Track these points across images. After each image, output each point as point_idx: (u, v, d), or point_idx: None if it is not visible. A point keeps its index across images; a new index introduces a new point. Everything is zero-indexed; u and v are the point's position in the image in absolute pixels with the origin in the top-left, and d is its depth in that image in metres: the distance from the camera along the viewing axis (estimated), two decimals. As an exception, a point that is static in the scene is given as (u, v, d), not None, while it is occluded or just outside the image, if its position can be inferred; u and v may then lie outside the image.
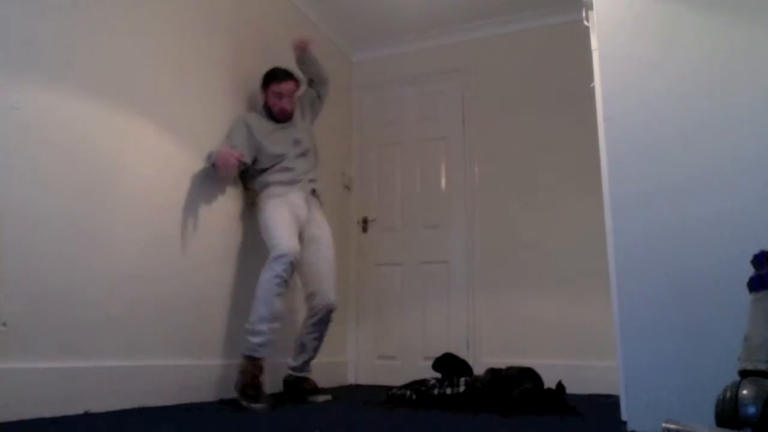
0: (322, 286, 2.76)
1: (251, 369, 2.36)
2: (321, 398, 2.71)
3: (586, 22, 2.42)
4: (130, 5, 2.32)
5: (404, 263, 3.89)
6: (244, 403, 2.27)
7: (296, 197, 2.80)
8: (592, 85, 2.21)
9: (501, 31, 3.91)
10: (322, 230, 2.87)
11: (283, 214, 2.68)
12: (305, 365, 2.77)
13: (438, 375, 2.59)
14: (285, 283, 2.49)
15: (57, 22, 2.01)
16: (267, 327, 2.41)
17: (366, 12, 3.82)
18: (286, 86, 2.90)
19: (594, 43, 2.18)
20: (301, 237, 2.75)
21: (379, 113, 4.18)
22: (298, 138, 2.92)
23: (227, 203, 2.78)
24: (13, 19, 1.86)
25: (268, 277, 2.46)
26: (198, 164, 2.60)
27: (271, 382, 2.76)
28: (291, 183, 2.81)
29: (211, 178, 2.66)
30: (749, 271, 1.38)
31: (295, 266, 2.55)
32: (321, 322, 2.76)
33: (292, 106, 2.94)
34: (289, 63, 3.27)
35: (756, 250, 1.38)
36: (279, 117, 2.90)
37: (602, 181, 2.03)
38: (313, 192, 2.91)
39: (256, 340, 2.39)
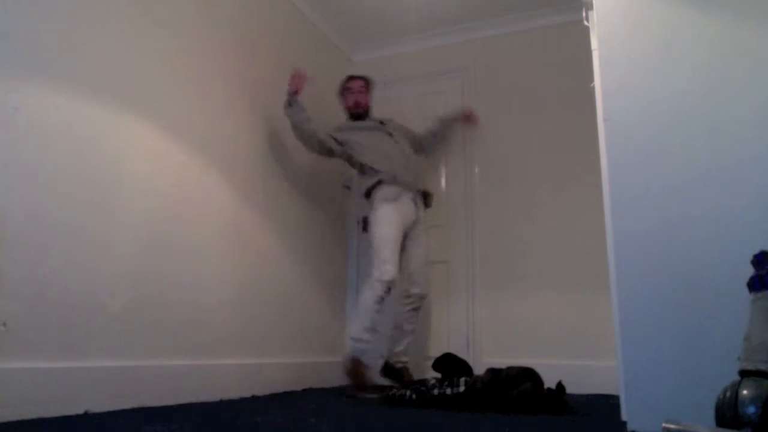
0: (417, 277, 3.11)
1: (359, 369, 2.81)
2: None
3: (586, 22, 2.42)
4: (131, 6, 2.32)
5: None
6: (360, 395, 2.70)
7: (407, 202, 3.12)
8: (592, 85, 2.21)
9: (501, 31, 3.91)
10: (420, 231, 3.20)
11: (393, 229, 3.01)
12: (407, 349, 3.12)
13: (438, 375, 2.59)
14: (383, 300, 2.90)
15: (58, 22, 2.01)
16: (368, 336, 2.86)
17: (366, 12, 3.82)
18: (355, 83, 3.37)
19: (594, 43, 2.18)
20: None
21: (379, 113, 4.17)
22: (390, 132, 3.25)
23: (227, 203, 2.78)
24: (14, 20, 1.86)
25: (372, 297, 2.87)
26: (198, 162, 2.60)
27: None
28: (397, 184, 3.10)
29: (210, 178, 2.67)
30: (749, 271, 1.38)
31: (393, 289, 2.95)
32: (417, 308, 3.16)
33: (366, 100, 3.35)
34: (288, 60, 3.27)
35: (756, 250, 1.38)
36: (354, 110, 3.31)
37: (602, 181, 2.03)
38: (419, 193, 3.20)
39: (360, 346, 2.84)
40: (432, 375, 2.63)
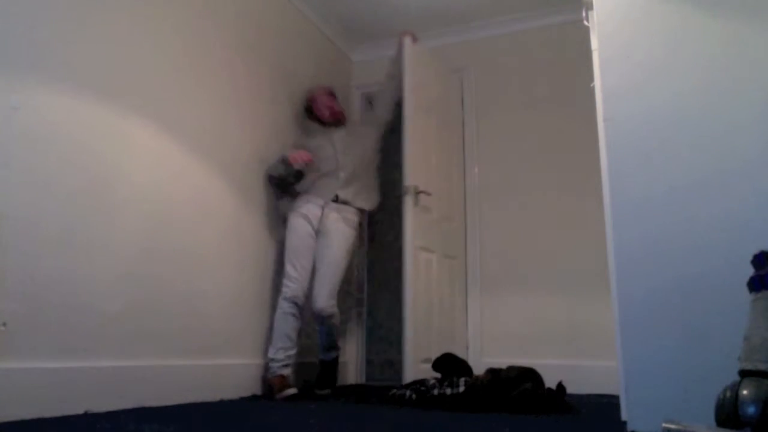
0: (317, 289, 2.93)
1: (279, 380, 2.74)
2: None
3: (586, 22, 2.42)
4: (131, 6, 2.32)
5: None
6: (278, 395, 2.67)
7: (314, 206, 3.00)
8: (592, 85, 2.21)
9: (501, 31, 3.91)
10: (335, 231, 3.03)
11: (295, 241, 2.94)
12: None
13: (438, 375, 2.59)
14: (295, 316, 2.87)
15: (58, 23, 2.01)
16: (284, 354, 2.80)
17: (366, 12, 3.82)
18: (323, 95, 3.33)
19: (594, 43, 2.18)
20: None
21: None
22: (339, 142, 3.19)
23: (226, 204, 2.78)
24: (14, 20, 1.86)
25: (280, 314, 2.85)
26: (197, 165, 2.60)
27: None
28: (313, 189, 3.04)
29: (210, 180, 2.67)
30: (749, 271, 1.38)
31: (302, 302, 2.89)
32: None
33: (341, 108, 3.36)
34: (288, 61, 3.26)
35: (756, 251, 1.38)
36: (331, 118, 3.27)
37: (602, 182, 2.03)
38: (336, 198, 3.06)
39: (279, 365, 2.77)
40: (432, 375, 2.63)
